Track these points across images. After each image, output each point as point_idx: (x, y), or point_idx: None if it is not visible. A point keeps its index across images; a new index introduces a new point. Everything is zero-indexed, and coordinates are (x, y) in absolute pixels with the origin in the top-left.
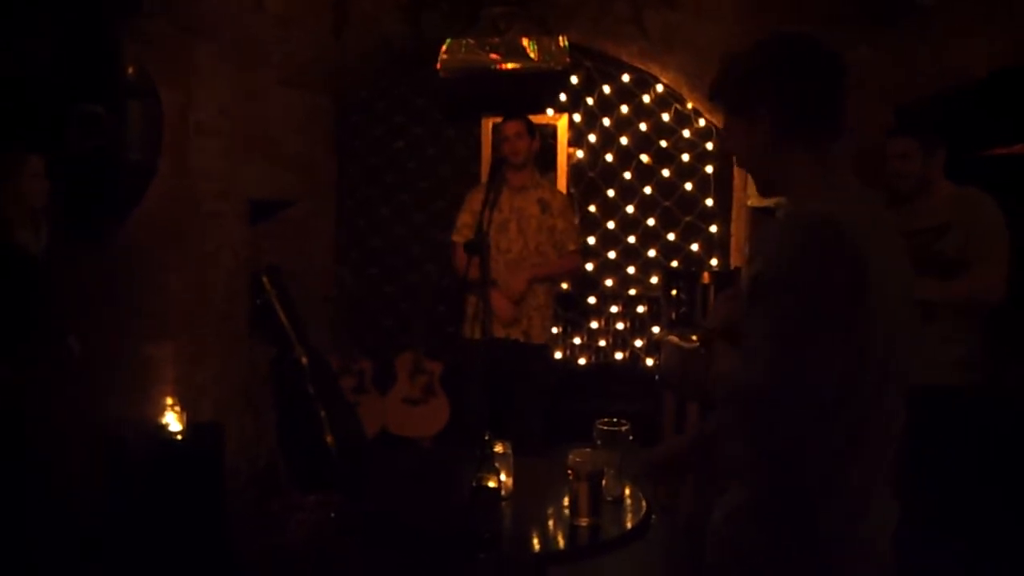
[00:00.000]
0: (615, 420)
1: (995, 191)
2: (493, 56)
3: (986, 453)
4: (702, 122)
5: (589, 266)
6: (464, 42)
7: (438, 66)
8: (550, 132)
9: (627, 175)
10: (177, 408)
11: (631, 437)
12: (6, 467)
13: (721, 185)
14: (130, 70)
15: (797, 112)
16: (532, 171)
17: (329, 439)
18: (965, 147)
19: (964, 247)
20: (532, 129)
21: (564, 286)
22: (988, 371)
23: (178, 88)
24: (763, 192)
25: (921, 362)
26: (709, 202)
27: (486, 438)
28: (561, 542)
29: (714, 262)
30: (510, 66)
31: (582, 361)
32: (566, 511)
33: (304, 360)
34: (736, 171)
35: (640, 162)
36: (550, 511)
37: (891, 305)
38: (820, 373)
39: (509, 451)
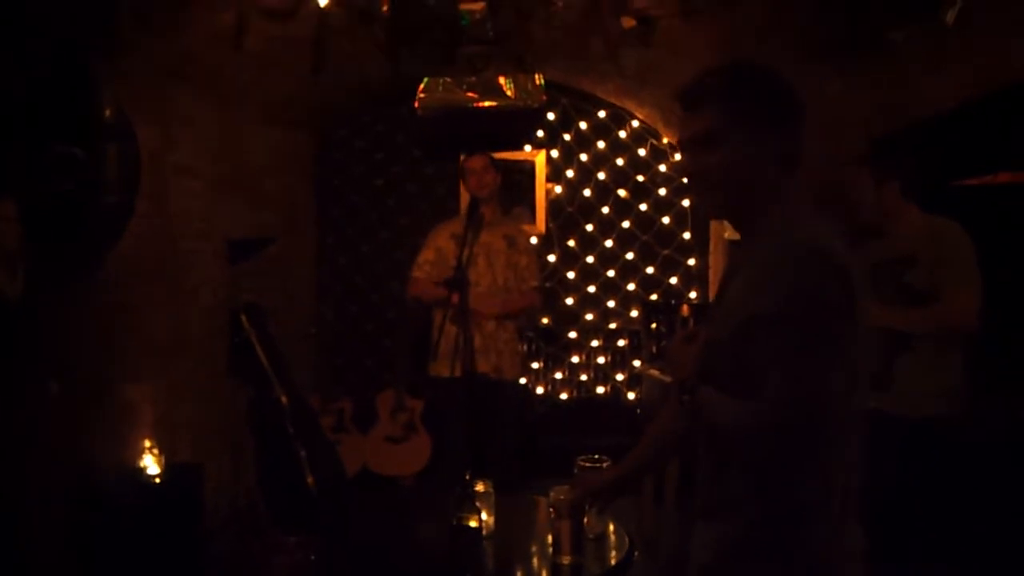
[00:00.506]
0: (596, 456)
1: (970, 221)
2: (470, 95)
3: (967, 483)
4: (678, 156)
5: (569, 300)
6: (441, 81)
7: (416, 104)
8: (528, 168)
9: (605, 209)
10: (155, 451)
11: None
12: None
13: (698, 219)
14: (107, 111)
15: (791, 138)
16: (496, 206)
17: (309, 479)
18: (940, 177)
19: (932, 277)
20: (496, 163)
21: (544, 321)
22: (969, 401)
23: (157, 128)
24: (730, 218)
25: (900, 392)
26: (687, 235)
27: (467, 478)
28: None
29: (693, 295)
30: (487, 104)
31: (564, 396)
32: (549, 549)
33: (284, 399)
34: None
35: (618, 197)
36: (533, 549)
37: (862, 326)
38: (830, 400)
39: (491, 490)
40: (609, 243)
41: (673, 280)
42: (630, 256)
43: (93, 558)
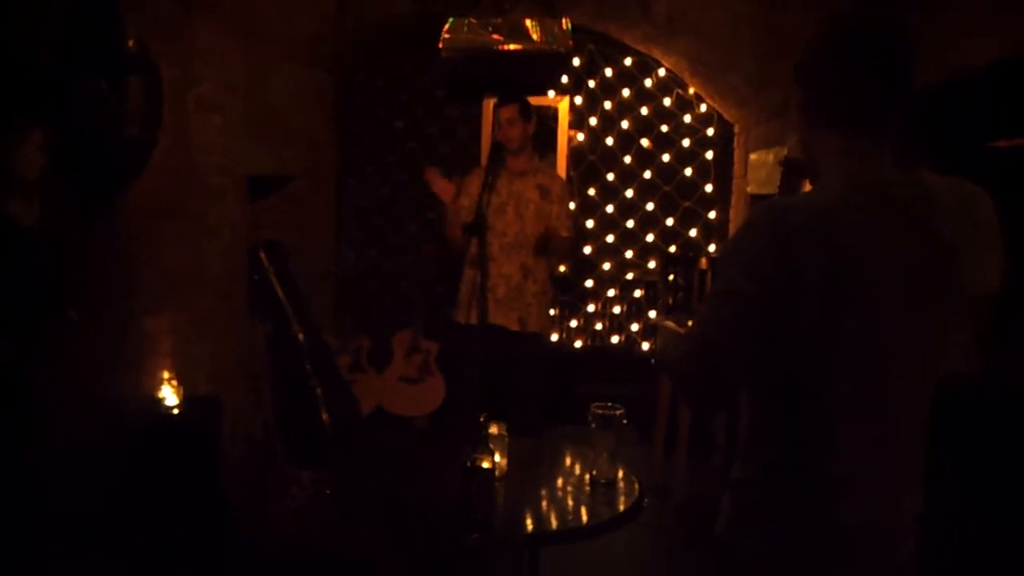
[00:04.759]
0: (610, 404)
1: (999, 184)
2: (495, 37)
3: (984, 442)
4: (703, 107)
5: (587, 249)
6: (467, 22)
7: (440, 45)
8: (551, 114)
9: (627, 159)
10: (174, 382)
11: (625, 421)
12: (5, 439)
13: (721, 171)
14: (131, 44)
15: (825, 92)
16: (531, 155)
17: (324, 416)
18: (969, 139)
19: None
20: (528, 113)
21: (561, 269)
22: (987, 361)
23: (179, 63)
24: (812, 178)
25: None
26: (708, 188)
27: (481, 419)
28: (554, 523)
29: (712, 248)
30: (512, 47)
31: (578, 344)
32: (560, 492)
33: (301, 337)
34: (736, 157)
35: (640, 146)
36: (544, 492)
37: (879, 295)
38: (726, 344)
39: (504, 432)
40: (629, 193)
41: (692, 232)
42: (650, 207)
43: (113, 485)
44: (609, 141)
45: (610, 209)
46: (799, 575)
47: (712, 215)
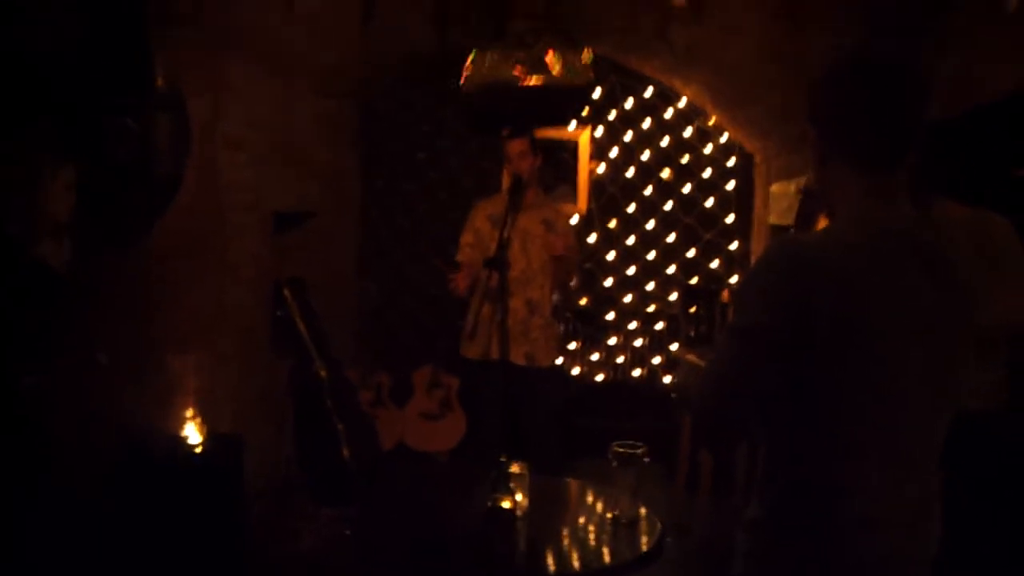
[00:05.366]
0: (631, 443)
1: (1020, 212)
2: (516, 72)
3: (1012, 476)
4: (724, 138)
5: (608, 282)
6: (488, 55)
7: (462, 80)
8: (571, 147)
9: (648, 191)
10: (197, 419)
11: (647, 459)
12: (33, 477)
13: (742, 202)
14: (159, 82)
15: (839, 129)
16: (536, 189)
17: (346, 453)
18: (992, 167)
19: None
20: (536, 147)
21: (582, 302)
22: (1012, 395)
23: (207, 99)
24: (828, 214)
25: None
26: (730, 219)
27: (502, 459)
28: (576, 563)
29: (734, 280)
30: (533, 81)
31: (599, 377)
32: (581, 532)
33: (323, 373)
34: (757, 188)
35: (661, 178)
36: (565, 532)
37: (891, 332)
38: (738, 378)
39: (525, 472)
40: (650, 225)
41: (714, 264)
42: (671, 239)
43: (136, 524)
44: (630, 172)
45: (631, 241)
46: None
47: (734, 246)
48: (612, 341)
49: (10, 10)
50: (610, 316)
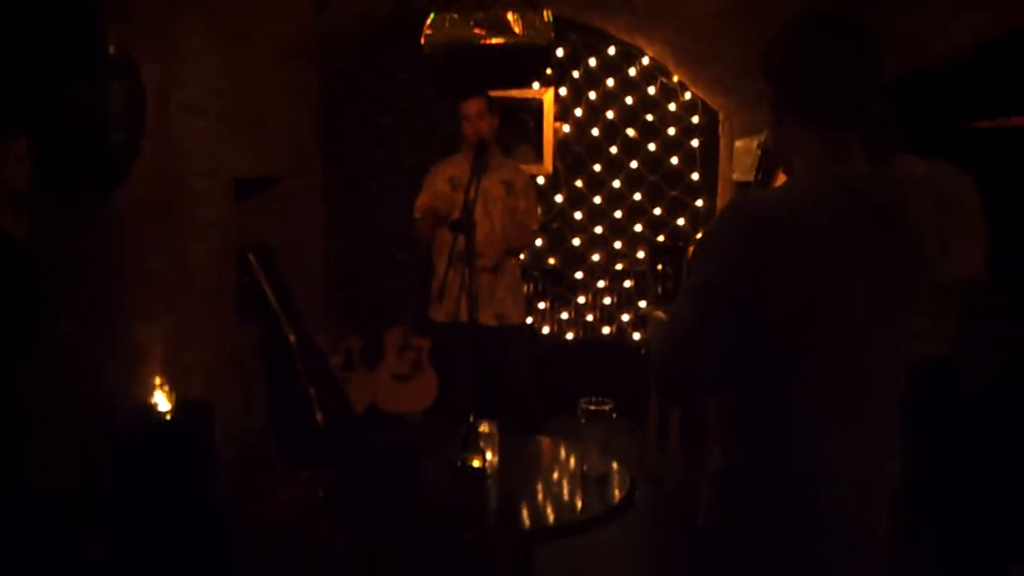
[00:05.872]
0: (599, 399)
1: (977, 165)
2: (477, 31)
3: (953, 425)
4: (687, 95)
5: (576, 241)
6: (448, 16)
7: (422, 41)
8: (535, 107)
9: (613, 149)
10: (166, 387)
11: (615, 415)
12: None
13: (707, 159)
14: (112, 49)
15: (793, 88)
16: (495, 150)
17: (319, 416)
18: (949, 121)
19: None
20: (494, 107)
21: (551, 261)
22: (958, 344)
23: (162, 66)
24: (785, 171)
25: None
26: (695, 176)
27: (471, 419)
28: (549, 518)
29: (700, 236)
30: (494, 41)
31: (569, 336)
32: (555, 488)
33: (292, 338)
34: (722, 145)
35: (626, 136)
36: (538, 487)
37: (845, 284)
38: (694, 331)
39: (495, 431)
40: (616, 183)
41: (680, 221)
42: (637, 197)
43: (107, 492)
44: (595, 132)
45: (598, 200)
46: (776, 565)
47: (699, 203)
48: (581, 299)
49: None
50: (579, 275)
